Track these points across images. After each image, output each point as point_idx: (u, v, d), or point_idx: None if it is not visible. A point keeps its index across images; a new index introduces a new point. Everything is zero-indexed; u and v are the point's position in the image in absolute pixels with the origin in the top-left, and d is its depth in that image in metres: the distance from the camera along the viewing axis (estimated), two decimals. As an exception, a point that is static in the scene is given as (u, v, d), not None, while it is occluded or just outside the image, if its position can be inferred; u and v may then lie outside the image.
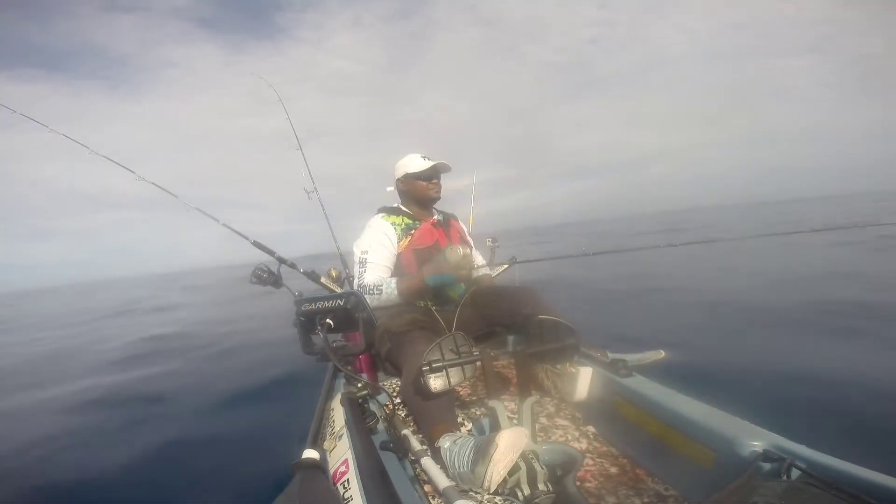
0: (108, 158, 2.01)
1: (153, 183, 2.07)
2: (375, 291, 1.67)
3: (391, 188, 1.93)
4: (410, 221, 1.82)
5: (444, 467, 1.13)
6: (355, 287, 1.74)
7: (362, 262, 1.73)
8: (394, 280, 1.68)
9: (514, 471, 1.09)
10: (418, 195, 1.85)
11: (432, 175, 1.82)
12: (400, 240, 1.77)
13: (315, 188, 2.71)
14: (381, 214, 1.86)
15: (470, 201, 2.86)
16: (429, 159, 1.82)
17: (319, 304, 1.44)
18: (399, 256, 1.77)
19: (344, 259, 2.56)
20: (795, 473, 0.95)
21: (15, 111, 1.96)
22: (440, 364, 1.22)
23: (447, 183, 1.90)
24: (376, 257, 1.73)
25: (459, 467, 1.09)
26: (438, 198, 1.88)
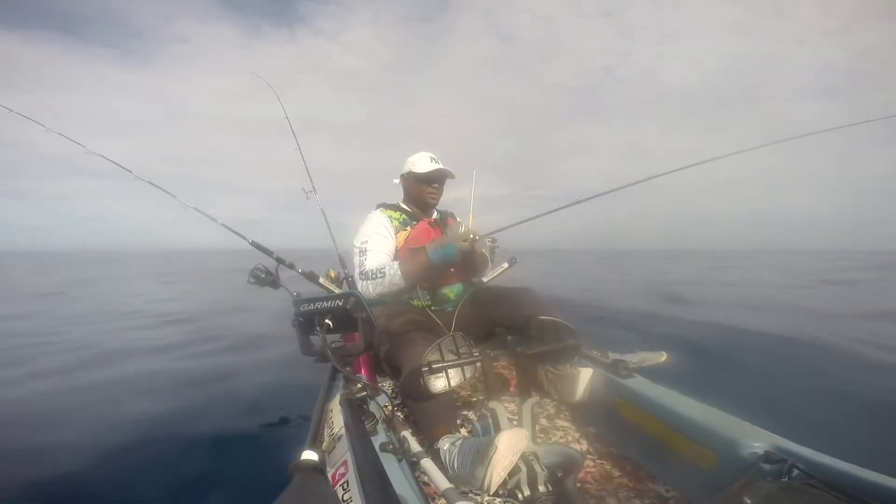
0: (104, 157, 2.00)
1: (150, 182, 2.07)
2: (378, 275, 1.64)
3: (397, 180, 1.92)
4: (407, 218, 1.83)
5: (443, 469, 1.13)
6: (357, 276, 1.72)
7: (362, 251, 1.71)
8: (396, 262, 1.66)
9: (514, 472, 1.09)
10: (416, 196, 1.85)
11: (433, 180, 1.81)
12: (396, 232, 1.77)
13: (314, 188, 2.69)
14: (379, 209, 1.86)
15: (468, 206, 2.86)
16: (436, 162, 1.80)
17: (318, 305, 1.43)
18: (395, 254, 1.77)
19: (342, 259, 2.55)
20: (797, 475, 0.95)
21: (12, 110, 1.95)
22: (440, 365, 1.21)
23: (448, 191, 1.90)
24: (376, 245, 1.72)
25: (459, 469, 1.09)
26: (435, 204, 1.88)
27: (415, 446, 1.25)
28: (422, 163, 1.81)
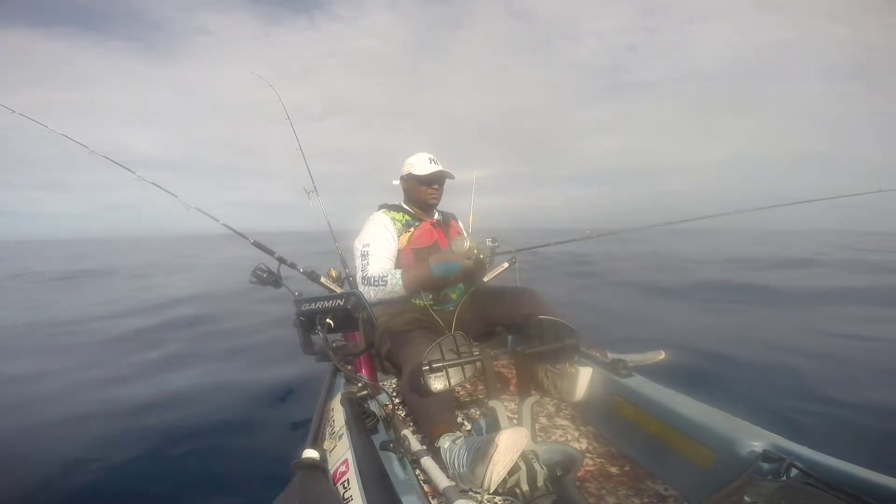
0: (108, 158, 2.02)
1: (153, 183, 2.08)
2: (380, 283, 1.66)
3: (397, 182, 1.92)
4: (410, 219, 1.83)
5: (443, 467, 1.14)
6: (359, 280, 1.73)
7: (364, 255, 1.72)
8: (398, 271, 1.67)
9: (513, 471, 1.09)
10: (417, 198, 1.85)
11: (433, 181, 1.81)
12: (400, 234, 1.77)
13: (315, 188, 2.70)
14: (381, 210, 1.86)
15: (471, 196, 2.86)
16: (435, 163, 1.81)
17: (319, 304, 1.44)
18: (398, 255, 1.77)
19: (343, 259, 2.56)
20: (795, 474, 0.95)
21: (14, 111, 1.96)
22: (440, 364, 1.22)
23: (458, 173, 1.89)
24: (378, 250, 1.73)
25: (459, 467, 1.09)
26: (436, 204, 1.88)
27: (415, 445, 1.25)
28: (421, 164, 1.80)
